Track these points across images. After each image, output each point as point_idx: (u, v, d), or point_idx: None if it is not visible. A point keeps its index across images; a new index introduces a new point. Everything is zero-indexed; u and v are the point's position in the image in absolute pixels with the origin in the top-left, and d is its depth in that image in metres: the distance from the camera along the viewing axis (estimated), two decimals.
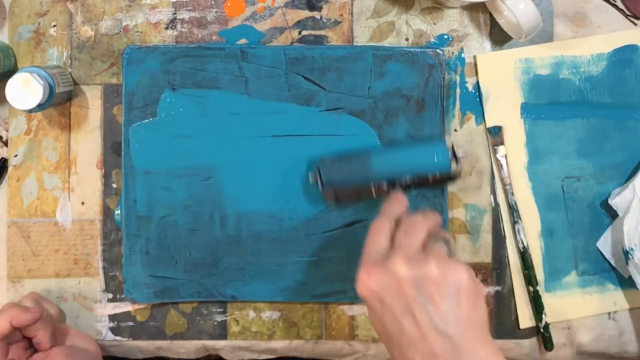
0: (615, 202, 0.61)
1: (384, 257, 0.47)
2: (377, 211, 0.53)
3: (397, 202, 0.53)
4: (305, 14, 0.64)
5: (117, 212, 0.63)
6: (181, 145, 0.62)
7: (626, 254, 0.60)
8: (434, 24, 0.64)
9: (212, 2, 0.64)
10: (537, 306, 0.62)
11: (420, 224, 0.49)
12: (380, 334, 0.47)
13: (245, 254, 0.62)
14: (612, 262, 0.63)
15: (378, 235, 0.49)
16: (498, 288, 0.63)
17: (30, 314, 0.54)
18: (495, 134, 0.63)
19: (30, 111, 0.59)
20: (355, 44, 0.64)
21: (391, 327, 0.46)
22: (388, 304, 0.45)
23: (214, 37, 0.64)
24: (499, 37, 0.64)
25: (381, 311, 0.46)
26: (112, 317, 0.64)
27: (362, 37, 0.64)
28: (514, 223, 0.63)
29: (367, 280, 0.46)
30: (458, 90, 0.64)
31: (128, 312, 0.64)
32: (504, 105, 0.63)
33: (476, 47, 0.64)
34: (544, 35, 0.64)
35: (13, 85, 0.57)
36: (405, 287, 0.45)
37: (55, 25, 0.64)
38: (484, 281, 0.63)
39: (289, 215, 0.62)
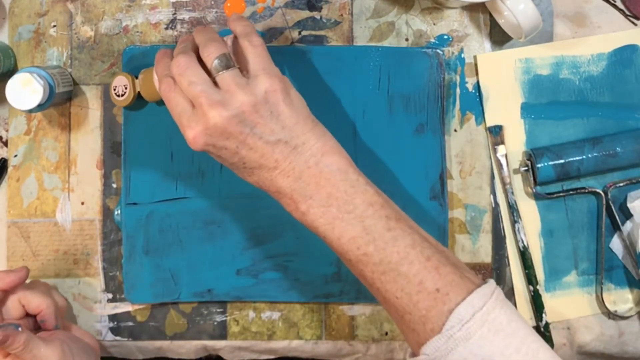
0: (634, 205, 0.61)
1: (195, 116, 0.48)
2: None
3: (161, 57, 0.53)
4: (305, 14, 0.64)
5: (117, 212, 0.63)
6: (180, 145, 0.62)
7: (639, 257, 0.61)
8: (434, 24, 0.64)
9: (212, 2, 0.64)
10: (537, 306, 0.62)
11: (188, 62, 0.49)
12: (227, 166, 0.51)
13: (246, 254, 0.62)
14: (625, 264, 0.63)
15: (173, 98, 0.49)
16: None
17: (14, 274, 0.55)
18: (496, 134, 0.63)
19: (30, 111, 0.59)
20: (355, 44, 0.64)
21: (232, 160, 0.50)
22: (221, 146, 0.49)
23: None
24: (499, 37, 0.64)
25: (218, 152, 0.49)
26: (112, 317, 0.64)
27: (362, 38, 0.64)
28: (513, 223, 0.63)
29: (196, 140, 0.49)
30: (458, 90, 0.64)
31: (128, 312, 0.64)
32: (504, 105, 0.63)
33: (476, 47, 0.64)
34: (544, 35, 0.64)
35: (13, 85, 0.57)
36: (229, 128, 0.48)
37: (55, 26, 0.64)
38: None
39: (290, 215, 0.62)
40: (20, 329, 0.51)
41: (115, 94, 0.60)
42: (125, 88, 0.59)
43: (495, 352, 0.44)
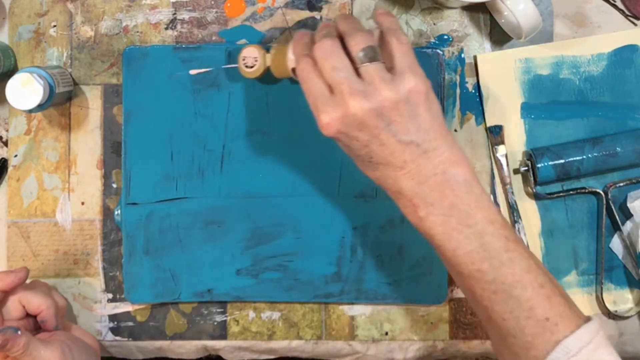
0: (634, 205, 0.61)
1: (332, 101, 0.47)
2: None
3: (300, 38, 0.52)
4: (305, 14, 0.64)
5: (117, 212, 0.63)
6: (180, 145, 0.62)
7: (639, 257, 0.61)
8: (434, 24, 0.64)
9: (212, 2, 0.64)
10: None
11: (334, 47, 0.48)
12: (353, 158, 0.50)
13: (246, 254, 0.62)
14: (625, 264, 0.63)
15: (310, 79, 0.49)
16: None
17: (14, 275, 0.54)
18: (496, 134, 0.63)
19: (30, 111, 0.59)
20: None
21: (360, 152, 0.49)
22: (354, 136, 0.48)
23: (214, 38, 0.64)
24: (499, 37, 0.64)
25: (348, 142, 0.49)
26: (112, 317, 0.64)
27: None
28: (514, 223, 0.63)
29: (330, 126, 0.48)
30: (458, 91, 0.64)
31: (128, 312, 0.64)
32: (504, 105, 0.63)
33: (476, 47, 0.64)
34: (544, 35, 0.64)
35: (13, 85, 0.57)
36: (366, 120, 0.47)
37: (55, 26, 0.64)
38: None
39: (290, 215, 0.62)
40: (19, 332, 0.50)
41: (245, 64, 0.58)
42: (255, 60, 0.58)
43: None
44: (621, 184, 0.62)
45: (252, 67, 0.58)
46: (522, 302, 0.46)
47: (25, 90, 0.57)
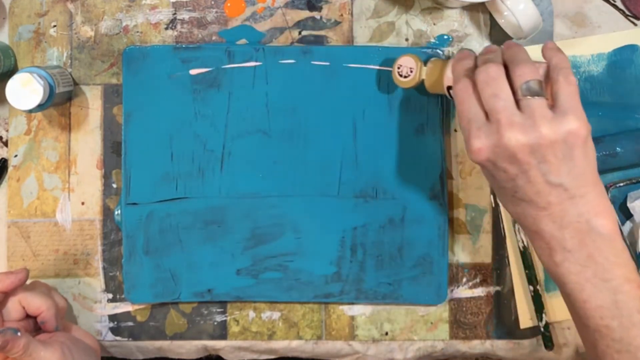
0: (634, 205, 0.61)
1: (487, 128, 0.47)
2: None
3: (463, 58, 0.52)
4: (305, 14, 0.64)
5: (117, 212, 0.63)
6: (180, 145, 0.62)
7: (639, 257, 0.61)
8: (434, 24, 0.64)
9: (212, 2, 0.64)
10: (537, 306, 0.62)
11: (498, 74, 0.47)
12: (494, 188, 0.50)
13: (246, 254, 0.62)
14: None
15: (467, 102, 0.48)
16: (498, 288, 0.63)
17: (14, 276, 0.54)
18: None
19: (30, 111, 0.59)
20: (355, 44, 0.64)
21: (505, 185, 0.48)
22: (502, 167, 0.47)
23: (214, 38, 0.64)
24: (499, 37, 0.64)
25: (495, 172, 0.48)
26: (112, 317, 0.64)
27: (362, 38, 0.64)
28: (514, 223, 0.63)
29: (480, 153, 0.47)
30: None
31: (128, 312, 0.64)
32: None
33: (476, 47, 0.64)
34: (544, 35, 0.64)
35: (13, 85, 0.57)
36: (519, 154, 0.46)
37: (55, 26, 0.64)
38: (484, 281, 0.63)
39: (290, 215, 0.62)
40: (19, 333, 0.50)
41: (399, 73, 0.58)
42: (411, 70, 0.58)
43: None
44: (621, 184, 0.62)
45: (406, 76, 0.58)
46: None
47: (25, 90, 0.57)
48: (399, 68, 0.58)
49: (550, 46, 0.50)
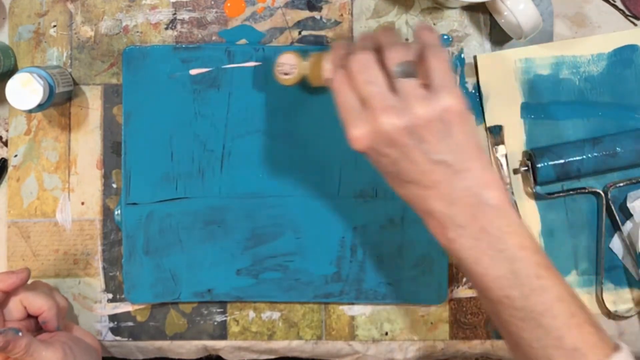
0: (634, 205, 0.61)
1: (364, 115, 0.46)
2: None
3: (338, 49, 0.51)
4: (305, 14, 0.64)
5: (117, 212, 0.63)
6: (180, 145, 0.62)
7: (639, 257, 0.61)
8: (434, 24, 0.64)
9: (212, 2, 0.64)
10: None
11: (369, 60, 0.47)
12: (382, 174, 0.49)
13: (246, 254, 0.62)
14: (625, 264, 0.63)
15: (342, 92, 0.48)
16: None
17: (15, 275, 0.54)
18: (496, 134, 0.63)
19: (30, 111, 0.59)
20: None
21: (389, 169, 0.48)
22: (383, 152, 0.47)
23: (214, 38, 0.64)
24: (499, 37, 0.64)
25: (377, 158, 0.48)
26: (112, 317, 0.64)
27: None
28: None
29: (359, 141, 0.47)
30: None
31: (128, 312, 0.64)
32: (504, 105, 0.63)
33: (476, 47, 0.64)
34: (544, 35, 0.64)
35: (13, 85, 0.57)
36: (397, 138, 0.46)
37: (55, 25, 0.64)
38: None
39: (290, 215, 0.62)
40: (20, 333, 0.50)
41: (281, 71, 0.58)
42: (293, 68, 0.57)
43: None
44: (621, 184, 0.62)
45: (288, 74, 0.58)
46: (551, 331, 0.45)
47: (25, 90, 0.57)
48: (280, 67, 0.58)
49: (420, 26, 0.50)
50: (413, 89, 0.46)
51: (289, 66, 0.57)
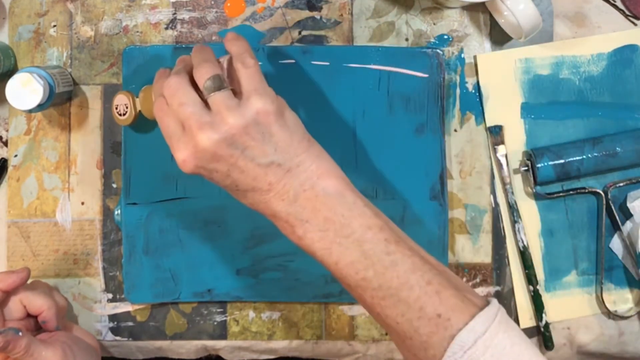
0: (634, 205, 0.61)
1: (185, 137, 0.47)
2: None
3: (158, 77, 0.53)
4: (305, 14, 0.64)
5: (117, 212, 0.63)
6: None
7: (638, 257, 0.61)
8: (434, 24, 0.64)
9: (212, 2, 0.64)
10: (537, 306, 0.62)
11: (179, 83, 0.48)
12: (222, 187, 0.50)
13: (246, 254, 0.62)
14: (624, 263, 0.63)
15: (164, 119, 0.49)
16: (498, 288, 0.63)
17: (15, 275, 0.54)
18: (496, 134, 0.63)
19: (30, 111, 0.59)
20: (355, 44, 0.64)
21: (225, 183, 0.49)
22: (212, 169, 0.48)
23: (214, 37, 0.64)
24: (499, 37, 0.64)
25: (210, 175, 0.49)
26: (112, 317, 0.64)
27: (362, 38, 0.64)
28: (514, 222, 0.63)
29: (186, 164, 0.48)
30: (458, 90, 0.64)
31: (128, 312, 0.64)
32: (504, 105, 0.63)
33: (476, 47, 0.64)
34: (544, 35, 0.64)
35: (13, 85, 0.57)
36: (218, 151, 0.46)
37: (55, 25, 0.64)
38: (484, 281, 0.63)
39: None
40: (20, 333, 0.51)
41: (118, 112, 0.59)
42: (127, 107, 0.58)
43: None
44: (621, 184, 0.62)
45: (124, 114, 0.58)
46: (410, 303, 0.45)
47: (25, 90, 0.57)
48: (116, 108, 0.59)
49: (228, 37, 0.51)
50: (224, 101, 0.47)
51: (123, 106, 0.58)
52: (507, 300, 0.63)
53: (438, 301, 0.45)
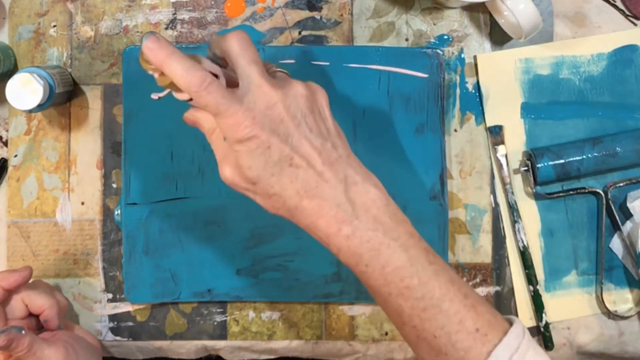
0: (634, 205, 0.61)
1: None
2: None
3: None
4: (305, 14, 0.64)
5: (117, 212, 0.63)
6: (180, 145, 0.62)
7: (638, 257, 0.61)
8: (434, 24, 0.64)
9: (212, 2, 0.64)
10: (537, 306, 0.62)
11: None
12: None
13: (246, 254, 0.62)
14: (624, 263, 0.63)
15: (214, 138, 0.47)
16: (498, 288, 0.63)
17: (18, 273, 0.54)
18: (496, 134, 0.63)
19: (30, 111, 0.59)
20: (355, 44, 0.64)
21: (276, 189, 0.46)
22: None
23: (213, 37, 0.64)
24: (499, 37, 0.64)
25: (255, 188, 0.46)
26: (112, 317, 0.64)
27: (362, 38, 0.64)
28: (514, 222, 0.63)
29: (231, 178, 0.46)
30: (458, 90, 0.64)
31: (128, 312, 0.64)
32: (504, 105, 0.63)
33: (476, 47, 0.64)
34: (544, 35, 0.64)
35: (13, 85, 0.57)
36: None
37: (55, 25, 0.64)
38: (484, 281, 0.63)
39: None
40: (23, 331, 0.51)
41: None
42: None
43: None
44: (621, 184, 0.62)
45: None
46: (451, 315, 0.44)
47: (25, 90, 0.57)
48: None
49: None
50: (266, 79, 0.45)
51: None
52: (507, 300, 0.63)
53: (476, 315, 0.44)
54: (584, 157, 0.61)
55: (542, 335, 0.62)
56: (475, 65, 0.64)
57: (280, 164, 0.44)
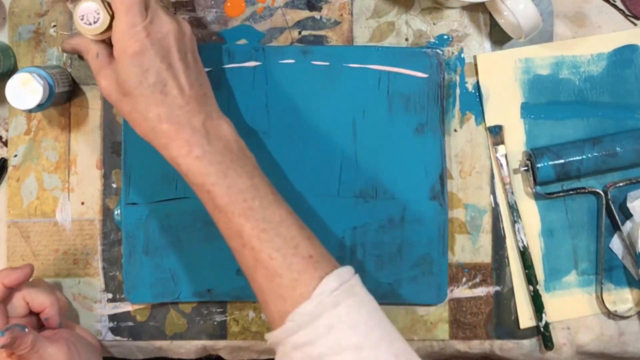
0: (634, 205, 0.61)
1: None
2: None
3: None
4: (305, 14, 0.64)
5: (117, 212, 0.63)
6: None
7: (638, 257, 0.61)
8: (434, 24, 0.64)
9: (212, 2, 0.64)
10: (537, 306, 0.62)
11: None
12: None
13: None
14: (624, 263, 0.63)
15: (90, 57, 0.53)
16: (498, 288, 0.63)
17: (19, 271, 0.55)
18: (496, 134, 0.63)
19: (30, 111, 0.59)
20: (355, 44, 0.64)
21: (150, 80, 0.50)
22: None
23: (213, 37, 0.64)
24: (499, 37, 0.64)
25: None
26: (112, 317, 0.64)
27: (362, 38, 0.64)
28: (513, 222, 0.63)
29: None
30: (458, 90, 0.64)
31: (128, 312, 0.64)
32: (504, 105, 0.63)
33: (476, 47, 0.64)
34: (544, 35, 0.64)
35: (13, 85, 0.57)
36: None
37: (55, 25, 0.64)
38: (484, 281, 0.63)
39: None
40: (26, 329, 0.51)
41: (86, 22, 0.51)
42: (98, 13, 0.51)
43: (360, 321, 0.46)
44: (621, 184, 0.62)
45: (95, 22, 0.51)
46: (288, 239, 0.49)
47: (25, 90, 0.57)
48: (82, 19, 0.51)
49: None
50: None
51: (93, 14, 0.51)
52: (507, 300, 0.63)
53: (310, 244, 0.49)
54: (584, 157, 0.61)
55: (542, 335, 0.62)
56: (475, 65, 0.64)
57: (153, 87, 0.50)
